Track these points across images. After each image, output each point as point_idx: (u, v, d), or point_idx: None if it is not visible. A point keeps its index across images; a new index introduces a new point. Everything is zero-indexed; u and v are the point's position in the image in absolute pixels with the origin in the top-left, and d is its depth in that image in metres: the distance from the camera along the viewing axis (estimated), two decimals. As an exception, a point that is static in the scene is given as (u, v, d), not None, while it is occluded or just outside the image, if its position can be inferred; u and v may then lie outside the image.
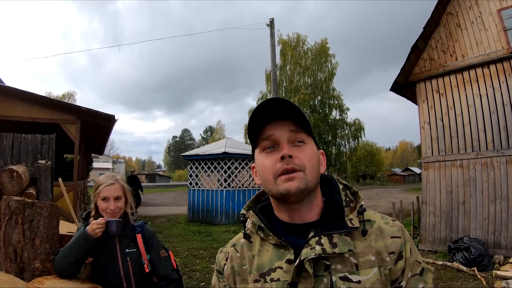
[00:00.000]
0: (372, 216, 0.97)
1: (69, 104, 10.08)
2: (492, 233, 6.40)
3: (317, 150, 0.99)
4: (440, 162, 7.38)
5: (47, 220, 2.54)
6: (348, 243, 0.90)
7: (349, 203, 0.99)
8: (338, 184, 1.04)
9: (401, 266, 0.90)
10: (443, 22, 7.59)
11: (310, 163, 0.92)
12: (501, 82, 6.61)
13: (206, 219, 12.76)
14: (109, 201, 2.07)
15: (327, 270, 0.88)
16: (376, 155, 56.13)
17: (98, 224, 1.99)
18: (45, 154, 5.71)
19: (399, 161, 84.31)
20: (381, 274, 0.88)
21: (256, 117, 0.93)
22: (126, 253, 2.05)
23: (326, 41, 30.08)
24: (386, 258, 0.90)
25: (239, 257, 1.04)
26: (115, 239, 2.07)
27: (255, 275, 0.97)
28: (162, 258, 2.16)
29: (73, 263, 1.97)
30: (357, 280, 0.87)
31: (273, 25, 14.72)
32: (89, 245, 1.96)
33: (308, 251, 0.88)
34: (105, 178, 2.13)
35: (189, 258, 7.43)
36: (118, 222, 2.04)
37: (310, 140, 0.96)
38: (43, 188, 4.88)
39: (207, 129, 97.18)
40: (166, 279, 2.12)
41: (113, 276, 2.01)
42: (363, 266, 0.88)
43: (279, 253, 0.95)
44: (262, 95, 30.64)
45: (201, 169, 13.26)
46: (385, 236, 0.92)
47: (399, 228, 0.95)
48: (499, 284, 5.01)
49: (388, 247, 0.91)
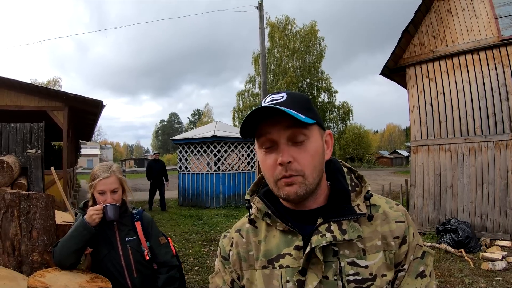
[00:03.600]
0: (377, 201, 0.97)
1: (56, 91, 9.90)
2: (479, 216, 6.58)
3: (322, 135, 0.94)
4: (429, 146, 7.49)
5: (43, 212, 2.51)
6: (357, 229, 0.90)
7: (355, 188, 0.98)
8: (342, 167, 1.02)
9: (405, 250, 0.92)
10: (434, 8, 7.59)
11: (311, 165, 0.88)
12: (490, 69, 6.68)
13: (197, 203, 12.84)
14: (105, 194, 2.04)
15: (336, 256, 0.89)
16: (364, 138, 56.68)
17: (95, 210, 1.98)
18: (34, 143, 5.60)
19: (387, 144, 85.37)
20: (386, 258, 0.90)
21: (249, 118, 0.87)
22: (126, 242, 2.05)
23: (315, 24, 29.90)
24: (391, 243, 0.91)
25: (245, 242, 1.02)
26: (114, 228, 2.07)
27: (263, 261, 0.96)
28: (162, 244, 2.16)
29: (73, 253, 1.96)
30: (365, 264, 0.88)
31: (262, 8, 14.54)
32: (89, 233, 1.95)
33: (318, 239, 0.87)
34: (101, 171, 2.08)
35: (182, 242, 7.49)
36: (115, 207, 2.03)
37: (312, 129, 0.90)
38: (34, 177, 4.81)
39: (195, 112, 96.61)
40: (166, 266, 2.13)
41: (114, 265, 2.01)
42: (370, 251, 0.90)
43: (287, 239, 0.94)
44: (250, 78, 30.52)
45: (191, 153, 13.25)
46: (390, 221, 0.93)
47: (403, 213, 0.95)
48: (486, 265, 5.17)
49: (393, 231, 0.92)
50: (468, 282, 4.76)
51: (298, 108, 0.87)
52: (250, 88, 30.62)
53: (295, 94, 0.93)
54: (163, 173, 12.06)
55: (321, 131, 0.94)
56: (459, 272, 5.12)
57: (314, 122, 0.88)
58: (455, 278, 4.94)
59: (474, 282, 4.77)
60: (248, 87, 30.72)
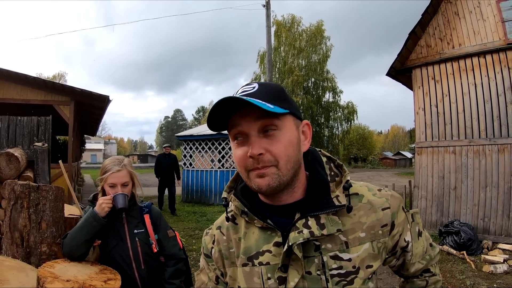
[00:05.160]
0: (359, 190, 0.93)
1: (63, 85, 9.94)
2: (482, 219, 6.58)
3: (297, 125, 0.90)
4: (433, 148, 7.49)
5: (52, 204, 2.55)
6: (336, 222, 0.87)
7: (334, 177, 0.94)
8: (321, 156, 0.98)
9: (397, 232, 0.95)
10: (441, 10, 7.57)
11: (285, 155, 0.84)
12: (496, 73, 6.67)
13: (200, 200, 12.86)
14: (116, 187, 2.08)
15: (318, 251, 0.87)
16: (368, 138, 56.49)
17: (105, 199, 2.02)
18: (41, 136, 5.65)
19: (391, 145, 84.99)
20: (374, 248, 0.89)
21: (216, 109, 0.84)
22: (134, 234, 2.09)
23: (321, 23, 29.78)
24: (378, 232, 0.90)
25: (226, 240, 1.01)
26: (123, 220, 2.11)
27: (243, 258, 0.94)
28: (170, 237, 2.20)
29: (83, 244, 1.99)
30: (348, 258, 0.87)
31: (269, 6, 14.56)
32: (99, 224, 1.98)
33: (296, 235, 0.85)
34: (112, 164, 2.11)
35: (185, 238, 7.53)
36: (124, 195, 2.06)
37: (285, 119, 0.86)
38: (40, 170, 4.86)
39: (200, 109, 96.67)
40: (174, 258, 2.17)
41: (122, 257, 2.05)
42: (353, 244, 0.88)
43: (266, 235, 0.92)
44: (255, 76, 30.38)
45: (195, 149, 13.26)
46: (376, 210, 0.91)
47: (388, 197, 0.94)
48: (488, 268, 5.18)
49: (380, 220, 0.90)
50: (470, 284, 4.77)
51: (269, 98, 0.84)
52: (255, 86, 30.52)
53: (268, 85, 0.89)
54: (175, 168, 10.70)
55: (296, 121, 0.90)
56: (461, 274, 5.13)
57: (286, 112, 0.84)
58: (457, 280, 4.96)
59: (475, 284, 4.77)
60: (253, 85, 30.63)
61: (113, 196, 2.04)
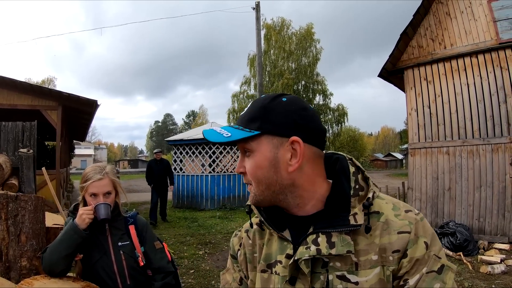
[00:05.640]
0: (382, 207, 0.85)
1: (50, 90, 9.81)
2: (477, 219, 6.55)
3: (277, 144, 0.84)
4: (427, 149, 7.46)
5: (32, 214, 2.41)
6: (347, 243, 0.80)
7: (358, 192, 0.85)
8: (349, 166, 0.90)
9: (404, 265, 0.79)
10: (432, 11, 7.57)
11: (254, 177, 0.87)
12: (488, 72, 6.67)
13: (191, 205, 12.72)
14: (98, 197, 1.93)
15: (325, 268, 0.83)
16: (359, 140, 56.83)
17: (86, 210, 1.87)
18: (26, 142, 5.47)
19: (381, 147, 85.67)
20: (384, 274, 0.80)
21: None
22: (118, 247, 1.95)
23: (311, 26, 29.86)
24: (389, 257, 0.80)
25: (251, 244, 1.02)
26: (106, 232, 1.97)
27: (263, 265, 0.95)
28: (157, 250, 2.06)
29: (63, 259, 1.84)
30: (355, 281, 0.80)
31: (259, 9, 14.55)
32: (79, 237, 1.84)
33: (303, 251, 0.82)
34: (93, 172, 1.96)
35: (176, 245, 7.38)
36: (106, 205, 1.92)
37: (258, 141, 0.84)
38: (25, 178, 4.69)
39: (190, 113, 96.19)
40: (162, 272, 2.03)
41: (106, 272, 1.91)
42: (363, 266, 0.80)
43: (282, 245, 0.91)
44: (245, 79, 30.35)
45: (186, 154, 13.14)
46: (390, 232, 0.81)
47: (412, 221, 0.81)
48: (485, 268, 5.13)
49: (392, 244, 0.80)
50: (468, 286, 4.71)
51: (245, 120, 0.87)
52: (245, 89, 30.50)
53: (254, 103, 0.89)
54: (168, 174, 10.18)
55: (275, 140, 0.84)
56: (458, 276, 5.06)
57: (252, 134, 0.84)
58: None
59: (473, 285, 4.72)
60: (243, 89, 30.60)
61: (95, 206, 1.90)
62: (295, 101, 0.87)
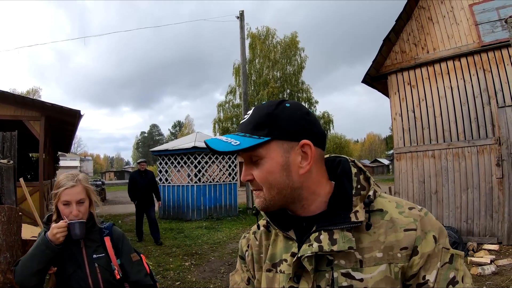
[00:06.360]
0: (385, 205, 0.87)
1: (33, 100, 9.56)
2: (465, 221, 6.57)
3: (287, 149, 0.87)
4: (412, 153, 7.50)
5: (5, 226, 2.31)
6: (349, 239, 0.82)
7: (360, 191, 0.89)
8: (351, 168, 0.93)
9: (417, 262, 0.81)
10: (415, 16, 7.69)
11: (266, 182, 0.88)
12: (472, 75, 6.76)
13: (177, 216, 12.54)
14: (71, 205, 1.82)
15: (330, 265, 0.85)
16: (345, 147, 57.16)
17: (59, 228, 1.76)
18: (6, 153, 5.25)
19: (368, 153, 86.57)
20: (391, 272, 0.81)
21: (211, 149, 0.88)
22: (93, 259, 1.85)
23: (296, 35, 30.21)
24: (397, 255, 0.81)
25: (258, 245, 1.04)
26: (80, 244, 1.86)
27: (268, 264, 0.97)
28: (134, 262, 1.96)
29: (35, 274, 1.74)
30: (360, 278, 0.82)
31: (243, 18, 14.61)
32: (52, 252, 1.74)
33: (305, 248, 0.85)
34: (65, 179, 1.87)
35: (162, 256, 7.21)
36: (81, 224, 1.81)
37: (268, 147, 0.86)
38: (5, 189, 4.48)
39: (176, 124, 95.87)
40: (139, 285, 1.93)
41: (81, 285, 1.80)
42: (368, 263, 0.82)
43: (287, 245, 0.94)
44: (231, 89, 30.46)
45: (171, 164, 13.00)
46: (397, 229, 0.83)
47: (416, 219, 0.83)
48: (475, 270, 5.12)
49: (400, 241, 0.82)
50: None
51: (251, 128, 0.87)
52: (231, 99, 30.57)
53: (258, 110, 0.90)
54: (153, 188, 8.86)
55: (285, 145, 0.87)
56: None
57: (262, 141, 0.85)
58: (445, 285, 4.86)
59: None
60: (228, 98, 30.66)
61: (69, 223, 1.80)
62: (298, 106, 0.91)
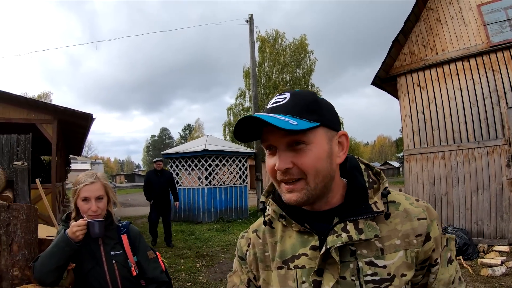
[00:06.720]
0: (396, 198, 0.93)
1: (45, 103, 9.77)
2: (476, 223, 6.52)
3: (330, 137, 0.88)
4: (422, 154, 7.47)
5: (24, 224, 2.37)
6: (374, 228, 0.87)
7: (372, 184, 0.94)
8: (359, 164, 0.99)
9: (431, 246, 0.89)
10: (423, 17, 7.68)
11: (313, 169, 0.84)
12: (481, 76, 6.73)
13: (188, 218, 12.62)
14: (90, 201, 1.90)
15: (353, 256, 0.87)
16: (355, 150, 57.07)
17: (79, 226, 1.82)
18: (21, 155, 5.44)
19: (378, 156, 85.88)
20: (407, 257, 0.87)
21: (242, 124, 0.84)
22: (111, 256, 1.91)
23: (305, 37, 30.20)
24: (413, 241, 0.88)
25: (262, 243, 1.02)
26: (99, 241, 1.93)
27: (278, 262, 0.96)
28: (150, 259, 2.03)
29: (54, 271, 1.81)
30: (383, 264, 0.86)
31: (252, 21, 14.69)
32: (71, 249, 1.80)
33: (334, 239, 0.86)
34: (85, 177, 1.95)
35: (173, 258, 7.29)
36: (100, 223, 1.89)
37: (315, 133, 0.85)
38: (20, 190, 4.63)
39: (186, 127, 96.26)
40: (155, 282, 1.99)
41: (99, 281, 1.87)
42: (388, 251, 0.87)
43: (303, 239, 0.93)
44: (240, 92, 30.55)
45: (182, 167, 13.08)
46: (412, 219, 0.89)
47: (424, 209, 0.92)
48: (486, 271, 5.09)
49: (415, 229, 0.89)
50: (469, 290, 4.66)
51: (299, 111, 0.84)
52: (240, 102, 30.67)
53: (299, 95, 0.88)
54: (171, 187, 8.68)
55: (330, 133, 0.88)
56: (459, 281, 5.01)
57: (315, 125, 0.84)
58: (455, 287, 4.84)
59: (474, 289, 4.67)
60: (238, 102, 30.77)
61: (88, 222, 1.87)
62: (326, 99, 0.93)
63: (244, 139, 0.91)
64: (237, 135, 0.89)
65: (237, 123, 0.84)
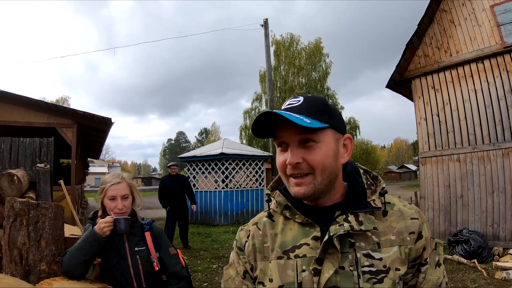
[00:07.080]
0: (391, 200, 1.02)
1: (65, 108, 10.01)
2: (491, 225, 6.45)
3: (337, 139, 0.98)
4: (437, 157, 7.43)
5: (52, 221, 2.50)
6: (372, 221, 0.95)
7: (370, 186, 1.03)
8: (358, 168, 1.08)
9: (422, 244, 0.96)
10: (436, 19, 7.66)
11: (321, 164, 0.92)
12: (495, 77, 6.67)
13: (205, 221, 12.73)
14: (116, 200, 2.04)
15: (352, 247, 0.93)
16: (372, 153, 56.04)
17: (106, 222, 1.97)
18: (43, 158, 5.66)
19: (395, 159, 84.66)
20: (401, 253, 0.94)
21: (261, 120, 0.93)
22: (135, 252, 2.04)
23: (320, 40, 30.13)
24: (406, 238, 0.95)
25: (261, 234, 1.06)
26: (123, 237, 2.06)
27: (278, 252, 1.00)
28: (172, 255, 2.15)
29: (81, 264, 1.94)
30: (379, 257, 0.92)
31: (267, 26, 14.79)
32: (98, 244, 1.94)
33: (336, 228, 0.92)
34: (111, 177, 2.11)
35: (190, 259, 7.41)
36: (126, 220, 2.02)
37: (324, 133, 0.94)
38: (42, 192, 4.84)
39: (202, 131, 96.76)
40: (176, 277, 2.11)
41: (123, 276, 2.00)
42: (384, 245, 0.94)
43: (305, 231, 0.99)
44: (256, 96, 30.57)
45: (199, 170, 13.22)
46: (405, 218, 0.98)
47: (416, 211, 1.01)
48: (500, 274, 5.05)
49: (408, 227, 0.96)
50: (483, 293, 4.64)
51: (311, 112, 0.93)
52: (256, 106, 30.67)
53: (312, 98, 0.97)
54: (187, 191, 8.52)
55: (337, 135, 0.98)
56: (473, 283, 4.99)
57: (325, 126, 0.93)
58: (469, 289, 4.82)
59: (488, 292, 4.65)
60: (254, 105, 30.78)
61: (115, 219, 2.01)
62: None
63: (261, 135, 0.99)
64: (255, 131, 0.97)
65: (257, 117, 0.92)
